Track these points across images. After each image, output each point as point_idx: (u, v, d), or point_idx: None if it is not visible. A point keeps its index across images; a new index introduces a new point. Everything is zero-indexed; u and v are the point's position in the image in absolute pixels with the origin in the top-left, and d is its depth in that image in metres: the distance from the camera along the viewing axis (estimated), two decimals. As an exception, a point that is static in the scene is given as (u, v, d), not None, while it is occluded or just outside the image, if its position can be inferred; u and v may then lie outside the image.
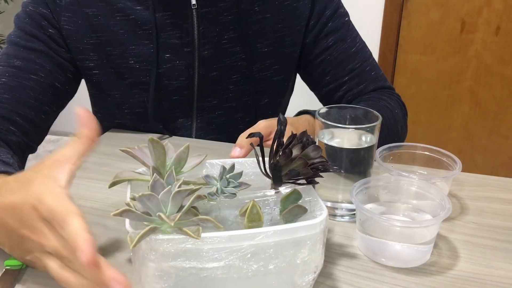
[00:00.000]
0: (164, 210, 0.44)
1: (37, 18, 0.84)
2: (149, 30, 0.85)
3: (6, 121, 0.77)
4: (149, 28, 0.85)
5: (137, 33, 0.86)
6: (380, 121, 0.64)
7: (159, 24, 0.85)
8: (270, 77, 0.94)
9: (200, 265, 0.43)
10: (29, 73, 0.82)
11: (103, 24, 0.85)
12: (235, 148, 0.64)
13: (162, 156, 0.51)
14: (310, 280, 0.48)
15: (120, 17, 0.85)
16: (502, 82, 2.13)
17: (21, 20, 0.85)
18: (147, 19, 0.85)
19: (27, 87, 0.81)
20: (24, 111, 0.80)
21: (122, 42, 0.86)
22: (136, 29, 0.86)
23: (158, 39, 0.86)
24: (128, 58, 0.87)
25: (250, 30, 0.89)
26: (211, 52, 0.88)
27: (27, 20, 0.84)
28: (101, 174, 0.77)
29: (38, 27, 0.84)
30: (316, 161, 0.51)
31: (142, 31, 0.86)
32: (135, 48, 0.87)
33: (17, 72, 0.81)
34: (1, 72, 0.81)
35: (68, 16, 0.85)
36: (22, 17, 0.85)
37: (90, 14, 0.85)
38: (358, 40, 0.95)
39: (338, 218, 0.66)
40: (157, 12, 0.85)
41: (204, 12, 0.86)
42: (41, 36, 0.84)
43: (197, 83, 0.90)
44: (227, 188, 0.52)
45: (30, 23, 0.84)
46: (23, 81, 0.81)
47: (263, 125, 0.71)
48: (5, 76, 0.80)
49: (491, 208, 0.70)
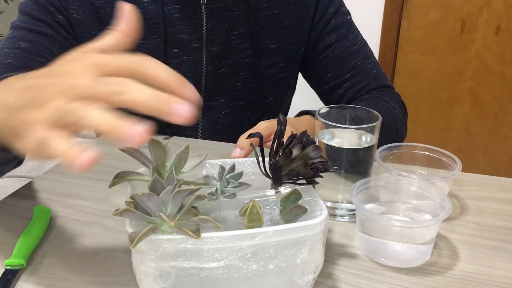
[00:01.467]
0: (164, 210, 0.44)
1: (44, 4, 0.82)
2: (157, 24, 0.84)
3: None
4: (157, 22, 0.84)
5: (144, 27, 0.84)
6: (380, 121, 0.64)
7: (167, 19, 0.84)
8: (276, 75, 0.94)
9: (200, 265, 0.43)
10: (36, 55, 0.79)
11: (111, 16, 0.84)
12: (236, 149, 0.64)
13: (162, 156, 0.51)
14: (310, 280, 0.48)
15: None
16: (502, 82, 2.13)
17: (27, 6, 0.83)
18: (155, 13, 0.84)
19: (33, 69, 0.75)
20: None
21: None
22: (144, 23, 0.84)
23: (166, 34, 0.85)
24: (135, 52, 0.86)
25: (258, 26, 0.89)
26: (220, 48, 0.88)
27: (34, 6, 0.82)
28: (101, 174, 0.77)
29: (46, 12, 0.82)
30: (316, 161, 0.51)
31: (150, 25, 0.85)
32: (143, 43, 0.86)
33: (23, 53, 0.78)
34: (7, 53, 0.78)
35: (77, 5, 0.83)
36: (28, 4, 0.83)
37: (98, 6, 0.84)
38: (360, 38, 0.96)
39: (338, 218, 0.66)
40: (165, 6, 0.84)
41: (214, 8, 0.85)
42: (49, 21, 0.82)
43: (204, 80, 0.89)
44: (227, 188, 0.52)
45: (38, 9, 0.82)
46: (29, 63, 0.78)
47: (264, 126, 0.71)
48: (11, 56, 0.77)
49: (491, 208, 0.70)
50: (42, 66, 0.79)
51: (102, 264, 0.56)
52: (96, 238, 0.61)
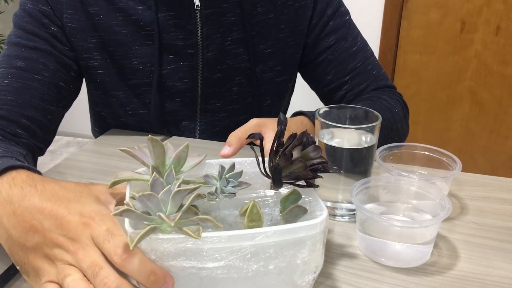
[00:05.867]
0: (164, 210, 0.44)
1: (37, 16, 0.81)
2: (151, 31, 0.84)
3: (12, 124, 0.74)
4: (151, 29, 0.84)
5: (139, 33, 0.84)
6: (380, 121, 0.64)
7: (161, 25, 0.84)
8: (273, 78, 0.94)
9: (200, 265, 0.43)
10: (32, 73, 0.79)
11: (105, 23, 0.84)
12: (225, 147, 0.64)
13: (162, 156, 0.51)
14: (310, 280, 0.48)
15: (122, 17, 0.84)
16: (502, 82, 2.13)
17: (20, 19, 0.82)
18: (150, 20, 0.84)
19: (31, 88, 0.78)
20: (30, 113, 0.77)
21: (125, 42, 0.85)
22: (139, 30, 0.84)
23: (161, 40, 0.85)
24: (131, 59, 0.86)
25: (253, 31, 0.88)
26: (215, 53, 0.87)
27: (27, 18, 0.81)
28: (101, 174, 0.77)
29: (39, 25, 0.81)
30: (316, 161, 0.51)
31: (145, 32, 0.84)
32: (138, 49, 0.85)
33: (20, 73, 0.78)
34: (4, 74, 0.78)
35: (70, 13, 0.82)
36: (21, 16, 0.82)
37: (92, 13, 0.83)
38: (359, 39, 0.95)
39: (338, 218, 0.66)
40: (159, 12, 0.83)
41: (208, 13, 0.85)
42: (43, 35, 0.81)
43: (200, 85, 0.89)
44: (227, 187, 0.52)
45: (31, 22, 0.81)
46: (27, 82, 0.78)
47: (254, 123, 0.69)
48: (8, 77, 0.77)
49: (491, 208, 0.70)
50: (39, 83, 0.80)
51: (102, 264, 0.56)
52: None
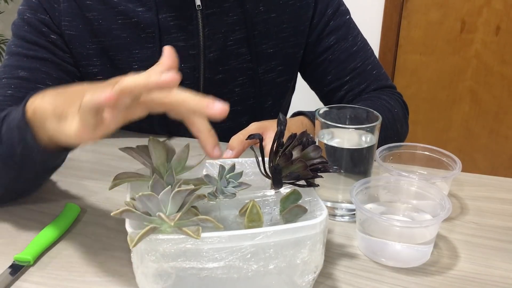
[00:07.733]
0: (164, 210, 0.44)
1: (36, 25, 0.80)
2: (152, 33, 0.83)
3: None
4: (152, 31, 0.83)
5: (140, 36, 0.83)
6: (380, 121, 0.64)
7: (162, 27, 0.83)
8: (275, 79, 0.93)
9: (200, 265, 0.43)
10: (35, 83, 0.78)
11: (105, 28, 0.83)
12: (227, 151, 0.64)
13: (162, 156, 0.51)
14: (310, 280, 0.48)
15: (122, 20, 0.83)
16: (502, 82, 2.13)
17: (19, 28, 0.80)
18: (150, 22, 0.83)
19: None
20: None
21: (125, 46, 0.84)
22: (139, 32, 0.83)
23: (162, 42, 0.84)
24: (132, 63, 0.85)
25: (255, 30, 0.88)
26: (217, 54, 0.87)
27: (26, 28, 0.80)
28: (101, 174, 0.77)
29: (38, 34, 0.80)
30: (316, 161, 0.51)
31: (146, 34, 0.84)
32: (139, 52, 0.85)
33: (23, 83, 0.77)
34: (6, 84, 0.77)
35: (68, 20, 0.82)
36: (20, 26, 0.81)
37: (91, 18, 0.82)
38: (360, 38, 0.95)
39: (338, 218, 0.66)
40: (160, 13, 0.83)
41: (210, 13, 0.84)
42: (44, 43, 0.80)
43: (202, 87, 0.89)
44: (227, 188, 0.52)
45: (30, 31, 0.80)
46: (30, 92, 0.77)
47: (254, 127, 0.70)
48: (11, 88, 0.76)
49: (491, 208, 0.70)
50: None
51: (102, 264, 0.56)
52: (96, 238, 0.61)
